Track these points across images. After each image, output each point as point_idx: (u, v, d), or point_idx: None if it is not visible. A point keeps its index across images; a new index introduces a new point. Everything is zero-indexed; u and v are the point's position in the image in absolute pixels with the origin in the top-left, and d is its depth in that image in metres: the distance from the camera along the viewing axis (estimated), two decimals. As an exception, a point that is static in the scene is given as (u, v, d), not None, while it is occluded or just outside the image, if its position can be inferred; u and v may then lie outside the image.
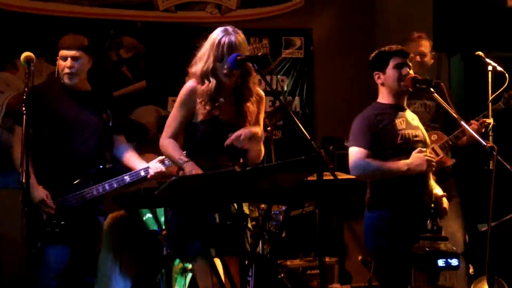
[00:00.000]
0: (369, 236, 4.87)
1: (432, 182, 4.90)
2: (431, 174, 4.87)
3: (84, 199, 5.01)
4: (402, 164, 4.70)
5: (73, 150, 5.05)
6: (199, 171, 4.14)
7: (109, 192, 5.10)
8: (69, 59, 5.06)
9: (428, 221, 4.53)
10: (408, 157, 4.72)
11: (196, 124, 4.36)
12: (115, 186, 5.05)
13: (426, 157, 4.72)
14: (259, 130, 4.38)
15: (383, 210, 4.78)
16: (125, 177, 5.07)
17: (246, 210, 4.50)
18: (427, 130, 5.09)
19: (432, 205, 4.74)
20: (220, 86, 4.33)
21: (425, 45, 5.91)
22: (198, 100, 4.32)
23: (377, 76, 4.90)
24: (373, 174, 4.78)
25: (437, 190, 4.91)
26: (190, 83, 4.40)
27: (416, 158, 4.71)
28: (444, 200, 4.88)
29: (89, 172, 5.02)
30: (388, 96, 4.89)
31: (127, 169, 5.15)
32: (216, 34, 4.31)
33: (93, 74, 5.26)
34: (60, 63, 5.10)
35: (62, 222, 4.94)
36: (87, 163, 5.05)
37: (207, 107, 4.29)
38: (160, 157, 5.03)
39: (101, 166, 5.05)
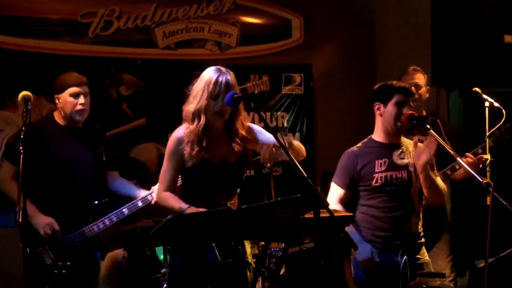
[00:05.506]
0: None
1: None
2: (415, 217, 4.87)
3: (86, 237, 4.99)
4: None
5: (71, 188, 5.02)
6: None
7: (109, 227, 5.07)
8: (82, 96, 5.03)
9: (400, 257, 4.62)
10: (382, 198, 4.77)
11: (189, 169, 4.37)
12: (115, 220, 5.03)
13: None
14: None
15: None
16: (124, 210, 5.05)
17: (247, 247, 4.49)
18: None
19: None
20: (209, 126, 4.33)
21: (419, 78, 5.94)
22: (186, 144, 4.32)
23: (377, 106, 4.85)
24: None
25: None
26: (175, 134, 4.41)
27: None
28: None
29: (87, 209, 5.01)
30: (381, 133, 4.88)
31: (125, 202, 5.13)
32: (211, 73, 4.32)
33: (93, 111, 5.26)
34: (70, 100, 5.03)
35: (68, 263, 4.90)
36: (85, 201, 5.03)
37: (196, 149, 4.30)
38: None
39: (96, 202, 5.03)
